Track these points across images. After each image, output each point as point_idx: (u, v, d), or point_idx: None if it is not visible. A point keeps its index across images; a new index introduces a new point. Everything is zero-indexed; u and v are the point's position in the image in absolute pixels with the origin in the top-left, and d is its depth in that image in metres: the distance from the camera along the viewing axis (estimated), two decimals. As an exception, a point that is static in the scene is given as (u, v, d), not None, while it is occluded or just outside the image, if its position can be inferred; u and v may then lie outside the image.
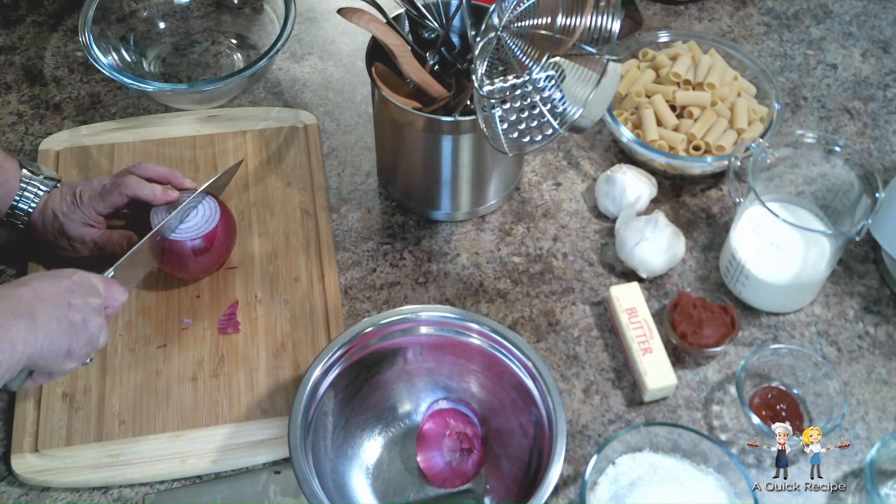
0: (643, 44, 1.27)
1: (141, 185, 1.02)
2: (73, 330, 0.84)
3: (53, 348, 0.83)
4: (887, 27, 1.39)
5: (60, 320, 0.83)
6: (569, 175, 1.21)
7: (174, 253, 1.05)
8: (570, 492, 0.96)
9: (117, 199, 1.02)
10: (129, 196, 1.02)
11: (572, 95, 0.91)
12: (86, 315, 0.86)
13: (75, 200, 1.02)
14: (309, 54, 1.33)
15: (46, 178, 1.04)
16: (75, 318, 0.85)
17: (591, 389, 1.03)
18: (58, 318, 0.83)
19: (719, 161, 1.14)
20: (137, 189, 1.02)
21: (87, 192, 1.02)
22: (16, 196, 1.02)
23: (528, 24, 0.92)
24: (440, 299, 1.09)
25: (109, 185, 1.02)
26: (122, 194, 1.02)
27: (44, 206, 1.02)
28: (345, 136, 1.24)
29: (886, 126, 1.27)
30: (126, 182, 1.02)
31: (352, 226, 1.16)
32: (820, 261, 1.05)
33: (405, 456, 0.98)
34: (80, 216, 1.02)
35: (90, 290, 0.88)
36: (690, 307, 1.04)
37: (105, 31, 1.24)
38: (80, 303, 0.86)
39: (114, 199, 1.02)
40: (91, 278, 0.89)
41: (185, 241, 1.03)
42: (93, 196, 1.02)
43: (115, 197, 1.02)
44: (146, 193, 1.02)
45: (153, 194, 1.02)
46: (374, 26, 1.03)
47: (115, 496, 0.95)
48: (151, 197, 1.02)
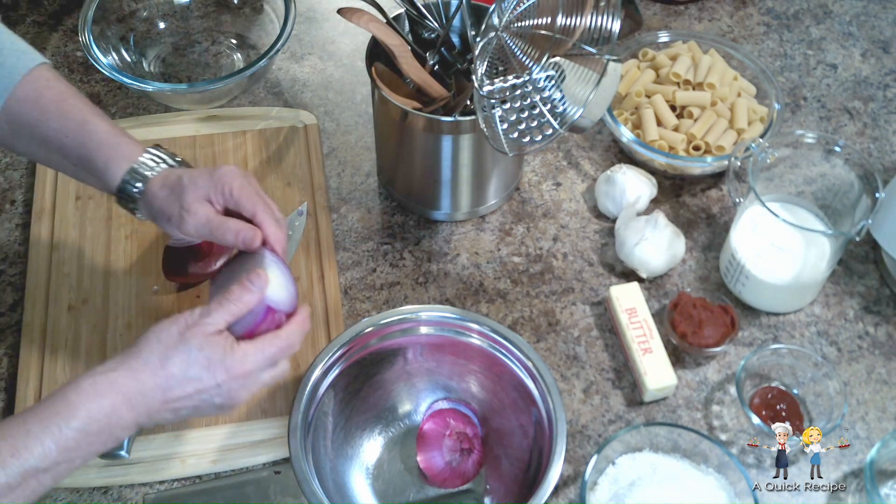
0: (643, 44, 1.27)
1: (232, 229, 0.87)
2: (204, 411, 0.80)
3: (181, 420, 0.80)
4: (887, 27, 1.39)
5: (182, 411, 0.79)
6: (569, 175, 1.21)
7: (174, 258, 1.05)
8: (570, 492, 0.96)
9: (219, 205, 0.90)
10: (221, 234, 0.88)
11: (572, 95, 0.91)
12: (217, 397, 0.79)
13: (210, 173, 0.89)
14: (309, 54, 1.33)
15: (179, 159, 0.94)
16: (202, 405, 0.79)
17: (591, 389, 1.03)
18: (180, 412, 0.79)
19: (719, 161, 1.14)
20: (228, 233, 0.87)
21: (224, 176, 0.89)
22: (140, 159, 0.90)
23: (528, 24, 0.92)
24: (440, 299, 1.09)
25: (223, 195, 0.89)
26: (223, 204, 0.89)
27: (168, 172, 0.90)
28: (345, 136, 1.24)
29: (886, 126, 1.27)
30: (227, 226, 0.87)
31: (352, 226, 1.16)
32: (820, 261, 1.05)
33: (405, 456, 0.98)
34: (206, 187, 0.88)
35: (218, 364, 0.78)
36: (690, 307, 1.04)
37: (105, 31, 1.24)
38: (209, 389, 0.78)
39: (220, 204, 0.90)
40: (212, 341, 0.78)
41: (185, 247, 1.04)
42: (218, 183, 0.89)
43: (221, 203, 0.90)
44: (229, 239, 0.87)
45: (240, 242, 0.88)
46: (374, 26, 1.03)
47: (115, 496, 0.95)
48: (235, 244, 0.88)
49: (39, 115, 0.90)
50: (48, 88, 0.91)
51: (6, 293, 1.09)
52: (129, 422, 0.76)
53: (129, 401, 0.76)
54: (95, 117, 0.91)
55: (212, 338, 0.78)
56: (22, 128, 0.90)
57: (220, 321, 0.79)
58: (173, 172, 0.90)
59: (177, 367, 0.77)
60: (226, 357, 0.78)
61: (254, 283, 0.81)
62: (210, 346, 0.78)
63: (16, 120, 0.90)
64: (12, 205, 1.17)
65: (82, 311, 1.06)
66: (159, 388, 0.77)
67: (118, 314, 1.06)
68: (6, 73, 0.89)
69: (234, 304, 0.80)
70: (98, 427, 0.74)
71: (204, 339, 0.78)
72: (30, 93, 0.90)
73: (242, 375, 0.79)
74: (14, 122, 0.90)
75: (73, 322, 1.05)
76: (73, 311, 1.06)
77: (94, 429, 0.74)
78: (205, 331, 0.78)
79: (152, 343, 0.78)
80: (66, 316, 1.06)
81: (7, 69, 0.89)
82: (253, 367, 0.80)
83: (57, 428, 0.73)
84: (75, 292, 1.08)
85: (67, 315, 1.06)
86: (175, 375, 0.77)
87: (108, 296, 1.08)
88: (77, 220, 1.13)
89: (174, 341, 0.78)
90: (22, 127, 0.90)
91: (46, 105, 0.90)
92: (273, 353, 0.81)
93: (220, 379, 0.78)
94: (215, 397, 0.79)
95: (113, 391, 0.75)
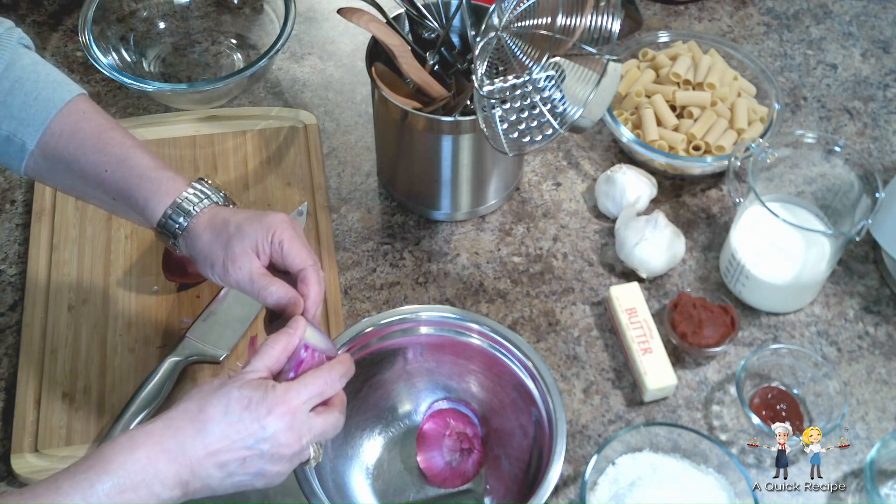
0: (643, 44, 1.27)
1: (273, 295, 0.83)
2: (254, 479, 0.75)
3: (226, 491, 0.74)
4: (887, 27, 1.39)
5: (229, 465, 0.74)
6: (569, 175, 1.21)
7: (174, 258, 1.05)
8: (570, 492, 0.96)
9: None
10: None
11: (572, 95, 0.91)
12: (263, 442, 0.74)
13: (259, 220, 0.85)
14: (309, 54, 1.33)
15: (223, 194, 0.90)
16: (249, 456, 0.74)
17: (591, 389, 1.03)
18: (227, 467, 0.73)
19: (719, 161, 1.14)
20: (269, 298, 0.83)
21: (275, 226, 0.85)
22: (183, 194, 0.86)
23: (528, 24, 0.92)
24: (440, 299, 1.09)
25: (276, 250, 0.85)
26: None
27: (215, 211, 0.87)
28: (345, 136, 1.24)
29: (886, 126, 1.27)
30: (270, 290, 0.83)
31: (352, 226, 1.16)
32: (820, 261, 1.05)
33: (405, 456, 0.98)
34: (253, 236, 0.84)
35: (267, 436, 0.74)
36: (690, 307, 1.04)
37: (105, 31, 1.24)
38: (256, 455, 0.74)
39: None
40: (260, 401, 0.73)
41: None
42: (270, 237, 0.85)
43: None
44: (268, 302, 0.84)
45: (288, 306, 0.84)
46: (374, 26, 1.03)
47: (115, 496, 0.95)
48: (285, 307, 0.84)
49: (77, 150, 0.86)
50: (86, 121, 0.87)
51: (6, 293, 1.09)
52: (169, 477, 0.70)
53: (167, 452, 0.70)
54: (136, 150, 0.87)
55: (252, 381, 0.74)
56: (59, 163, 0.87)
57: (259, 367, 0.76)
58: (220, 213, 0.86)
59: (216, 409, 0.72)
60: (267, 395, 0.73)
61: (291, 326, 0.79)
62: (249, 387, 0.74)
63: (52, 155, 0.87)
64: (12, 205, 1.17)
65: (82, 311, 1.06)
66: (199, 435, 0.72)
67: (118, 314, 1.06)
68: (41, 106, 0.86)
69: (271, 348, 0.77)
70: (133, 482, 0.69)
71: (244, 382, 0.74)
72: (67, 127, 0.87)
73: (288, 413, 0.74)
74: (51, 157, 0.87)
75: (73, 322, 1.06)
76: (73, 311, 1.06)
77: (129, 484, 0.69)
78: (244, 378, 0.75)
79: (192, 394, 0.74)
80: (66, 316, 1.06)
81: (42, 102, 0.86)
82: (297, 403, 0.75)
83: (88, 484, 0.68)
84: (75, 292, 1.08)
85: (67, 315, 1.06)
86: (214, 419, 0.72)
87: (108, 296, 1.08)
88: (77, 220, 1.14)
89: (213, 389, 0.74)
90: (59, 162, 0.87)
91: (84, 139, 0.86)
92: (317, 386, 0.76)
93: (263, 420, 0.73)
94: (261, 443, 0.73)
95: (149, 442, 0.71)
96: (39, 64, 0.89)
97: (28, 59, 0.88)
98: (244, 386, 0.74)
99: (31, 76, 0.87)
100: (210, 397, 0.73)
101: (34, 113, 0.86)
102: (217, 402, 0.73)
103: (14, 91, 0.86)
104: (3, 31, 0.88)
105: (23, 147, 0.86)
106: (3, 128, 0.86)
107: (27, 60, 0.88)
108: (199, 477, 0.72)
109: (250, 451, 0.73)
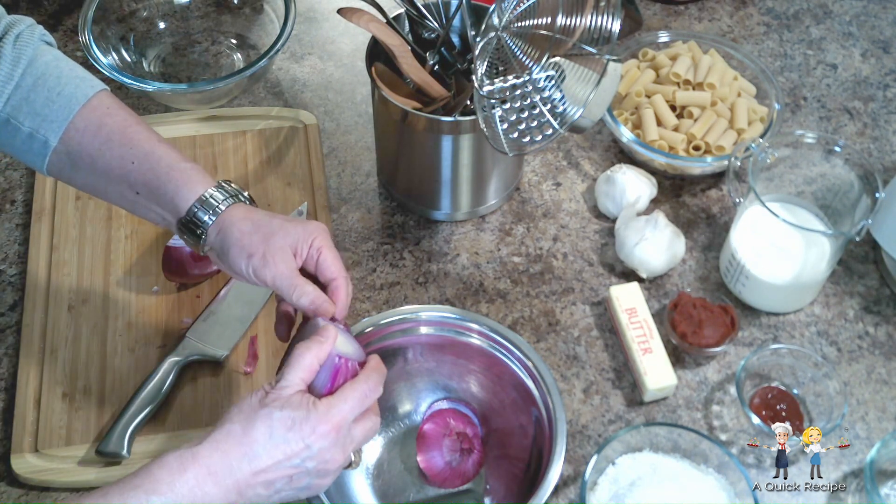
0: (643, 44, 1.27)
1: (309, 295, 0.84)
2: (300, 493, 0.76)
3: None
4: (887, 27, 1.39)
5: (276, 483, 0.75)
6: (569, 175, 1.21)
7: (174, 258, 1.05)
8: (570, 492, 0.96)
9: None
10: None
11: (572, 95, 0.91)
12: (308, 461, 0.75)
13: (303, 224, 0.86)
14: (309, 54, 1.33)
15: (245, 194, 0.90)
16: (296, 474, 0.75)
17: (591, 389, 1.03)
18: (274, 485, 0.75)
19: (719, 161, 1.14)
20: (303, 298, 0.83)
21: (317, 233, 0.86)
22: (209, 191, 0.86)
23: (528, 24, 0.92)
24: (440, 299, 1.09)
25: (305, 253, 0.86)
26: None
27: (249, 208, 0.87)
28: (345, 136, 1.24)
29: (886, 126, 1.27)
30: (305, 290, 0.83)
31: (352, 226, 1.16)
32: (820, 261, 1.05)
33: (405, 456, 0.98)
34: (295, 237, 0.85)
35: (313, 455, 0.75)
36: (690, 307, 1.04)
37: (105, 31, 1.24)
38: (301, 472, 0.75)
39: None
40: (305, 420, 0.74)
41: (184, 247, 1.04)
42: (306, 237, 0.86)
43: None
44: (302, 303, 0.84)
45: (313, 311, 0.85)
46: (374, 26, 1.03)
47: (115, 496, 0.95)
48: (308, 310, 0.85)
49: (102, 144, 0.86)
50: (109, 116, 0.87)
51: (6, 293, 1.09)
52: (217, 498, 0.72)
53: (215, 475, 0.72)
54: (162, 144, 0.87)
55: (292, 398, 0.75)
56: (83, 158, 0.86)
57: (295, 380, 0.76)
58: (256, 210, 0.87)
59: (260, 432, 0.73)
60: (310, 414, 0.74)
61: (321, 335, 0.79)
62: (291, 406, 0.74)
63: (76, 150, 0.86)
64: (12, 205, 1.17)
65: (82, 311, 1.06)
66: (245, 458, 0.73)
67: (118, 314, 1.06)
68: (64, 102, 0.86)
69: (303, 358, 0.77)
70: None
71: (284, 401, 0.75)
72: (91, 122, 0.86)
73: (332, 430, 0.75)
74: (74, 152, 0.86)
75: (73, 322, 1.06)
76: (73, 311, 1.06)
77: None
78: (283, 394, 0.75)
79: (233, 414, 0.75)
80: (66, 316, 1.06)
81: (65, 99, 0.86)
82: (339, 419, 0.76)
83: (137, 503, 0.69)
84: (75, 292, 1.08)
85: (67, 315, 1.06)
86: (259, 441, 0.73)
87: (108, 296, 1.08)
88: (77, 220, 1.14)
89: (254, 409, 0.74)
90: (83, 157, 0.86)
91: (109, 133, 0.86)
92: (356, 399, 0.77)
93: (308, 439, 0.74)
94: (307, 461, 0.74)
95: (196, 464, 0.71)
96: (61, 60, 0.89)
97: (50, 56, 0.88)
98: (285, 406, 0.74)
99: (54, 72, 0.87)
100: (253, 419, 0.74)
101: (57, 109, 0.86)
102: (261, 423, 0.74)
103: (36, 88, 0.86)
104: (25, 29, 0.87)
105: (45, 144, 0.86)
106: (26, 125, 0.85)
107: (49, 57, 0.88)
108: (246, 497, 0.73)
109: (297, 469, 0.75)
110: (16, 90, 0.85)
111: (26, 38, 0.87)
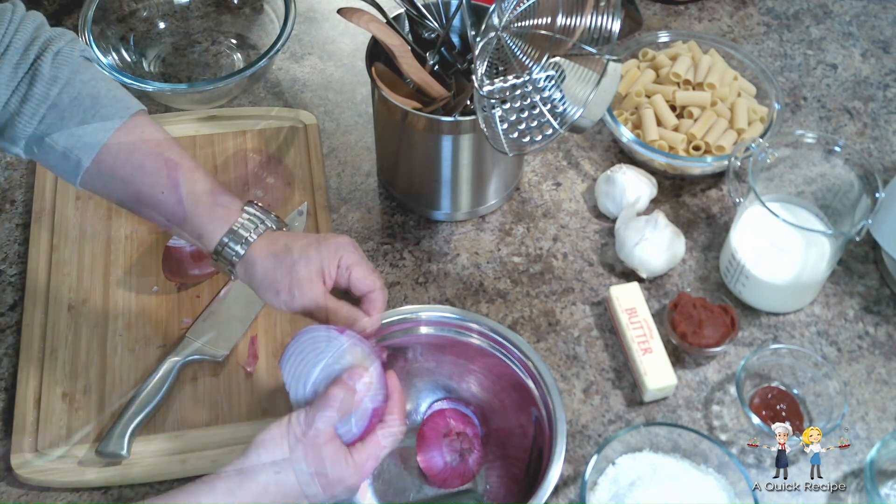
0: (643, 44, 1.27)
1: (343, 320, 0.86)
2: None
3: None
4: (887, 27, 1.39)
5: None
6: (569, 175, 1.21)
7: (174, 258, 1.05)
8: (570, 492, 0.96)
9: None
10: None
11: (572, 95, 0.91)
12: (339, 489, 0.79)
13: (321, 244, 0.87)
14: (309, 54, 1.33)
15: (274, 216, 0.91)
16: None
17: (591, 389, 1.03)
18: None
19: (719, 161, 1.14)
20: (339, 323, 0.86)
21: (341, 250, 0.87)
22: (238, 220, 0.87)
23: (528, 24, 0.92)
24: (440, 299, 1.09)
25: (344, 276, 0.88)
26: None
27: (273, 237, 0.88)
28: (345, 136, 1.24)
29: (886, 126, 1.27)
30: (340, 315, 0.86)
31: (352, 226, 1.16)
32: (820, 261, 1.05)
33: (405, 456, 0.98)
34: (318, 261, 0.86)
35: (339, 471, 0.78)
36: (690, 307, 1.04)
37: (105, 31, 1.24)
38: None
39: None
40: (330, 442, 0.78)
41: (184, 247, 1.04)
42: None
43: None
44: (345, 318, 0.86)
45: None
46: (374, 26, 1.03)
47: (115, 496, 0.95)
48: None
49: (134, 170, 0.86)
50: (143, 142, 0.87)
51: (6, 293, 1.09)
52: None
53: None
54: (193, 173, 0.87)
55: (325, 447, 0.77)
56: (115, 181, 0.87)
57: (331, 417, 0.78)
58: (278, 239, 0.87)
59: (292, 487, 0.76)
60: (348, 467, 0.78)
61: (353, 379, 0.80)
62: (326, 461, 0.77)
63: (108, 173, 0.86)
64: (12, 205, 1.17)
65: (82, 311, 1.06)
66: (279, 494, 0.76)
67: (118, 314, 1.06)
68: (99, 125, 0.85)
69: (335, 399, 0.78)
70: None
71: (315, 452, 0.77)
72: (124, 147, 0.86)
73: (365, 474, 0.80)
74: (107, 174, 0.86)
75: (73, 322, 1.06)
76: (73, 311, 1.06)
77: None
78: (315, 442, 0.77)
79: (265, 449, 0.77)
80: (66, 316, 1.06)
81: (100, 121, 0.85)
82: (371, 465, 0.80)
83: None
84: (75, 292, 1.08)
85: (67, 315, 1.06)
86: (294, 485, 0.76)
87: (108, 296, 1.08)
88: (77, 220, 1.14)
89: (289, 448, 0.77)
90: (115, 181, 0.87)
91: (142, 160, 0.86)
92: (388, 447, 0.81)
93: (343, 484, 0.78)
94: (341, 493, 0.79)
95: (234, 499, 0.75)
96: (99, 79, 0.88)
97: (88, 75, 0.87)
98: (317, 459, 0.77)
99: (91, 92, 0.86)
100: (286, 470, 0.76)
101: (91, 132, 0.85)
102: (297, 467, 0.77)
103: (73, 107, 0.85)
104: (65, 45, 0.86)
105: (78, 164, 0.85)
106: (61, 143, 0.85)
107: (87, 76, 0.87)
108: None
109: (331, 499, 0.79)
110: (51, 109, 0.85)
111: (66, 55, 0.85)
